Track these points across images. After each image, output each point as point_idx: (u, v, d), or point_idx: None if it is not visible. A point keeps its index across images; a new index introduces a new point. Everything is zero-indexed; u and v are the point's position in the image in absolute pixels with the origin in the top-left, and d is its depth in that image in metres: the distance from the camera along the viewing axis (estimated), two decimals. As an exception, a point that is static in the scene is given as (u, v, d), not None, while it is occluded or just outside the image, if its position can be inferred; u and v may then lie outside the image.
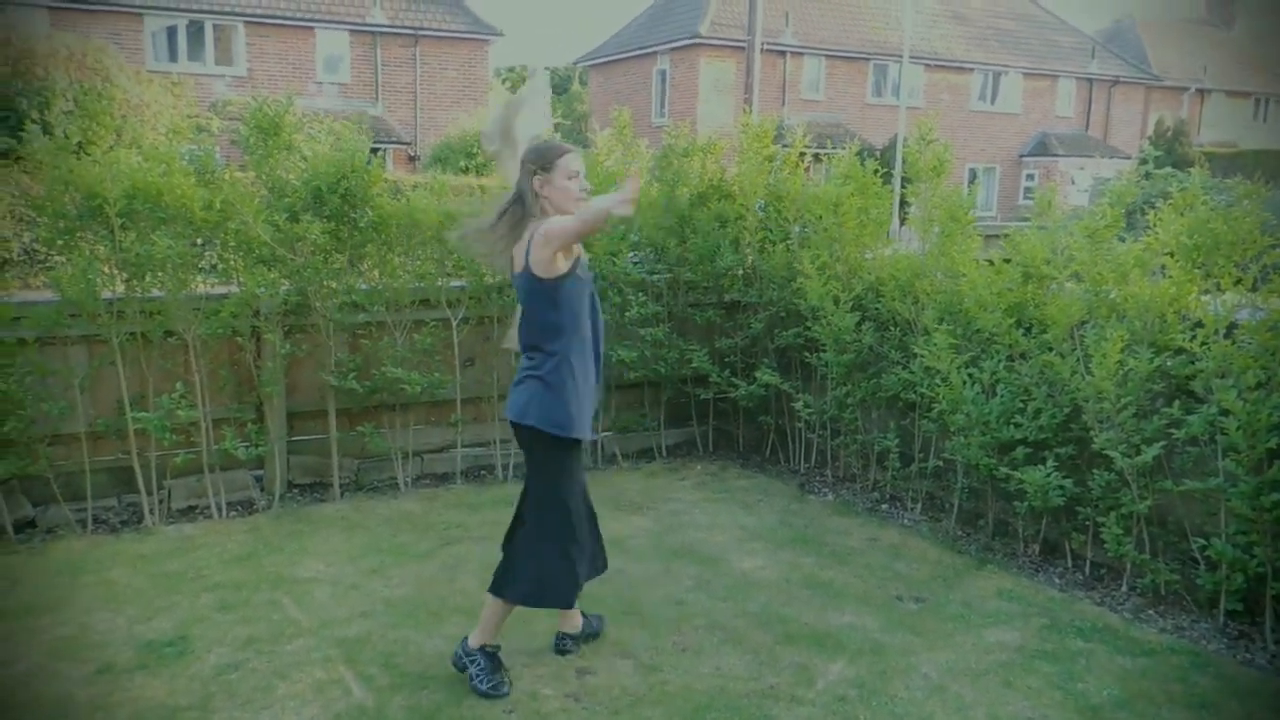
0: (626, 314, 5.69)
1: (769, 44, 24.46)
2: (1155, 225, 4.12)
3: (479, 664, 3.26)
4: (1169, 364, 3.96)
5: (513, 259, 3.19)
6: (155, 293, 4.72)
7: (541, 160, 3.15)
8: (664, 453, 6.20)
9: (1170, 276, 3.96)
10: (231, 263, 4.96)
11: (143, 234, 4.59)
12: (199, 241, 4.86)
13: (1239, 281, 3.82)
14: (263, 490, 5.21)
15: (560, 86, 44.37)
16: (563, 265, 3.09)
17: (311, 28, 21.71)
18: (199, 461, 4.91)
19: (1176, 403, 3.91)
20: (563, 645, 3.54)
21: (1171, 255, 4.00)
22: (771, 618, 3.84)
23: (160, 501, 4.89)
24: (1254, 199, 3.83)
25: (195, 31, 20.79)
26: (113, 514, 4.86)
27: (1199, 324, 3.83)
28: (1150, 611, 4.01)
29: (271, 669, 3.37)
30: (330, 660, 3.44)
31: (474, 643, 3.29)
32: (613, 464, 5.99)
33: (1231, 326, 3.80)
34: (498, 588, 3.30)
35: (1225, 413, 3.66)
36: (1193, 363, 3.85)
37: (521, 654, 3.51)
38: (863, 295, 5.35)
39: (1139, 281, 4.04)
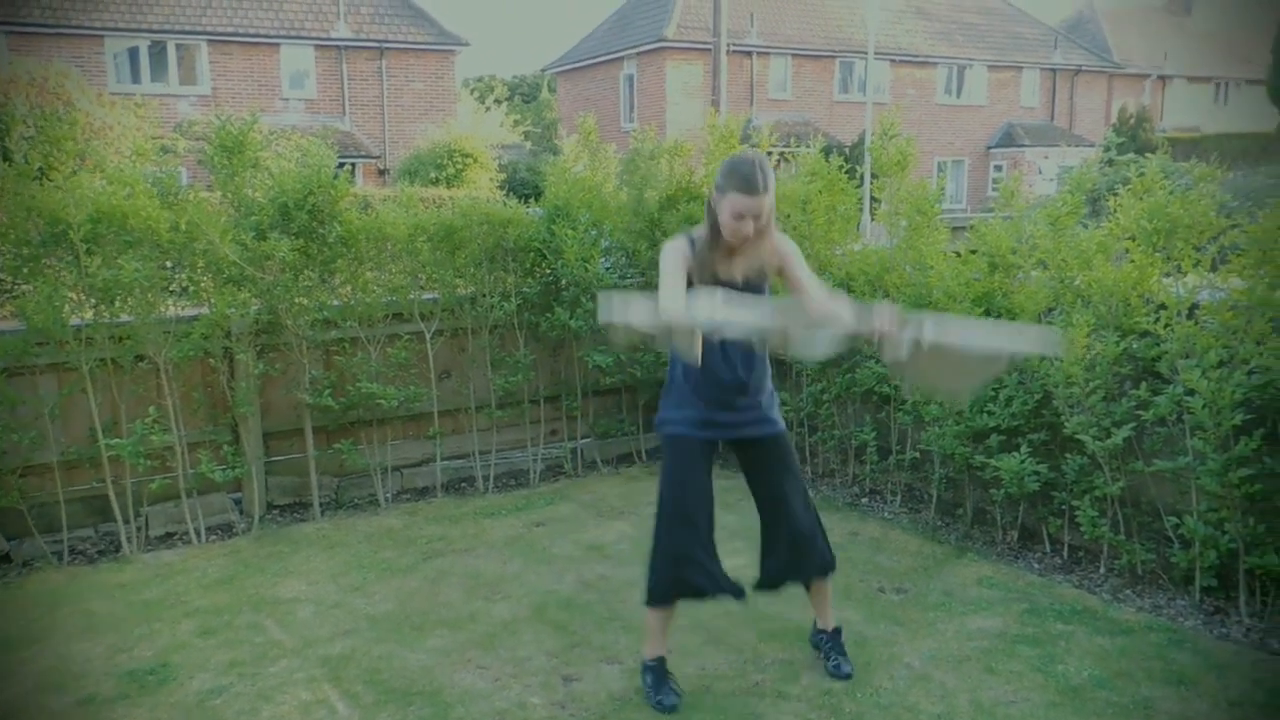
0: (600, 319, 5.69)
1: (735, 45, 24.57)
2: (1116, 211, 4.18)
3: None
4: (1134, 347, 4.01)
5: None
6: (124, 317, 4.69)
7: (721, 177, 3.03)
8: (644, 457, 6.21)
9: (1133, 260, 4.01)
10: (201, 284, 4.93)
11: (109, 258, 4.55)
12: (168, 264, 4.83)
13: (1198, 263, 3.88)
14: (242, 513, 5.17)
15: (529, 94, 44.37)
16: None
17: (276, 44, 21.61)
18: (175, 487, 4.87)
19: (1144, 384, 3.97)
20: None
21: (1133, 239, 4.05)
22: (755, 616, 3.85)
23: (138, 529, 4.85)
24: (1210, 182, 3.89)
25: (158, 52, 20.64)
26: (89, 544, 4.81)
27: (1162, 306, 3.89)
28: (1128, 591, 4.06)
29: (256, 692, 3.35)
30: (314, 680, 3.42)
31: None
32: (593, 469, 6.00)
33: (1193, 307, 3.86)
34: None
35: (1191, 392, 3.72)
36: (1158, 344, 3.91)
37: (507, 663, 3.51)
38: (834, 290, 5.38)
39: (1102, 266, 4.10)
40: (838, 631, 3.49)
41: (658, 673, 3.28)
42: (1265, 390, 3.57)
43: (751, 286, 3.19)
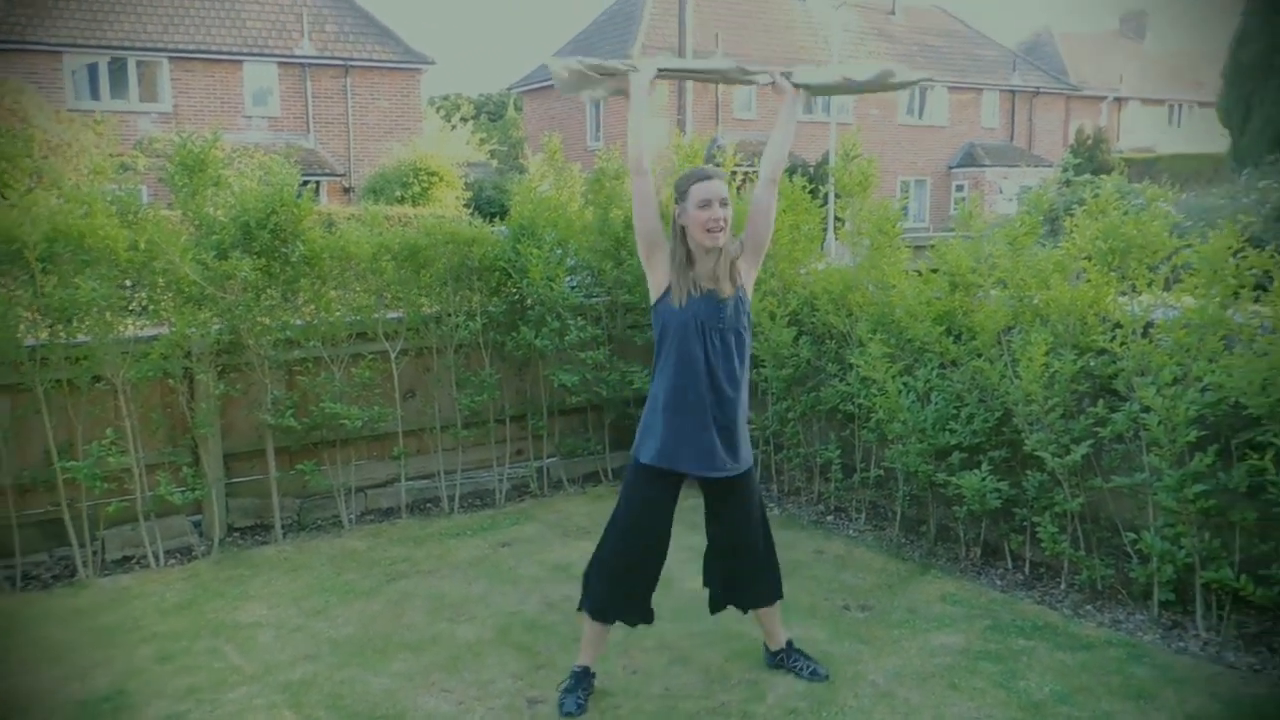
0: (566, 338, 5.69)
1: (700, 65, 24.71)
2: (1073, 231, 4.26)
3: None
4: (1092, 364, 4.08)
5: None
6: (81, 338, 4.60)
7: (678, 190, 3.19)
8: (609, 475, 6.20)
9: (1089, 280, 4.09)
10: (161, 303, 4.86)
11: (65, 278, 4.48)
12: (127, 283, 4.76)
13: (1152, 282, 3.97)
14: (201, 536, 5.09)
15: (495, 113, 44.39)
16: (656, 288, 3.22)
17: (239, 61, 21.45)
18: (133, 510, 4.78)
19: (1101, 402, 4.04)
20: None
21: (1089, 259, 4.14)
22: (720, 635, 3.85)
23: (94, 553, 4.74)
24: (1163, 202, 3.98)
25: (118, 69, 20.40)
26: (44, 569, 4.70)
27: (1118, 325, 3.96)
28: (1088, 606, 4.11)
29: (214, 719, 3.29)
30: (275, 706, 3.37)
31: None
32: (559, 489, 5.98)
33: (1148, 326, 3.94)
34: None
35: (1146, 409, 3.79)
36: (1114, 362, 3.98)
37: (471, 686, 3.48)
38: (798, 310, 5.43)
39: (1059, 286, 4.17)
40: (790, 643, 3.56)
41: (578, 679, 3.34)
42: (1218, 407, 3.65)
43: (739, 299, 3.26)
